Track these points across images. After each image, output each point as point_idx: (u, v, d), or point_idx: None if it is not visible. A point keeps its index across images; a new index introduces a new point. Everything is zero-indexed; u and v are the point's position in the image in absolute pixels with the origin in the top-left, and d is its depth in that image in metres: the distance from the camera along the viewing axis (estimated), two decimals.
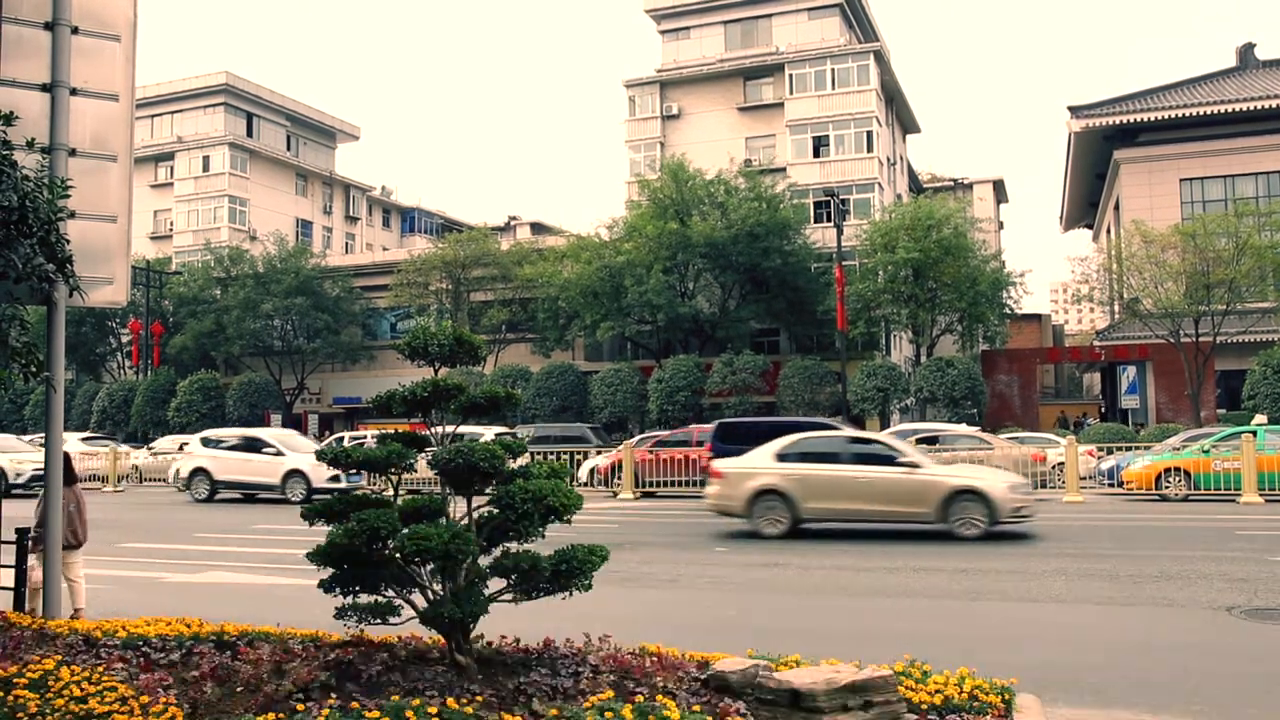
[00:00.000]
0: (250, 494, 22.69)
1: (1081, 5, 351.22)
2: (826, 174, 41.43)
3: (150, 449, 32.75)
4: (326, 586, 4.80)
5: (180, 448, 26.30)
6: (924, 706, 4.51)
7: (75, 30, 6.63)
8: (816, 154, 42.47)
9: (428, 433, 5.08)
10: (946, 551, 12.29)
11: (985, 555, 11.82)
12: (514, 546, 4.80)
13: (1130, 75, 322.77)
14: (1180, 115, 38.06)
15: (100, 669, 4.64)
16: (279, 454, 22.19)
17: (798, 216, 38.10)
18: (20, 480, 23.87)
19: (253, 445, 22.94)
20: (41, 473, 25.36)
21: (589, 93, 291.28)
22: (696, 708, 4.19)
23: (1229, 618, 7.99)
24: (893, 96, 46.99)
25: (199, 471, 22.91)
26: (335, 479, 20.48)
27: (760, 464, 14.46)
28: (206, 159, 55.51)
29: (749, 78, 44.72)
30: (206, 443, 23.70)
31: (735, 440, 18.39)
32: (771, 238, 35.98)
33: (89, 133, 6.69)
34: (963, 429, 24.32)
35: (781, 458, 14.39)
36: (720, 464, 15.18)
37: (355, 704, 4.08)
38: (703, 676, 4.64)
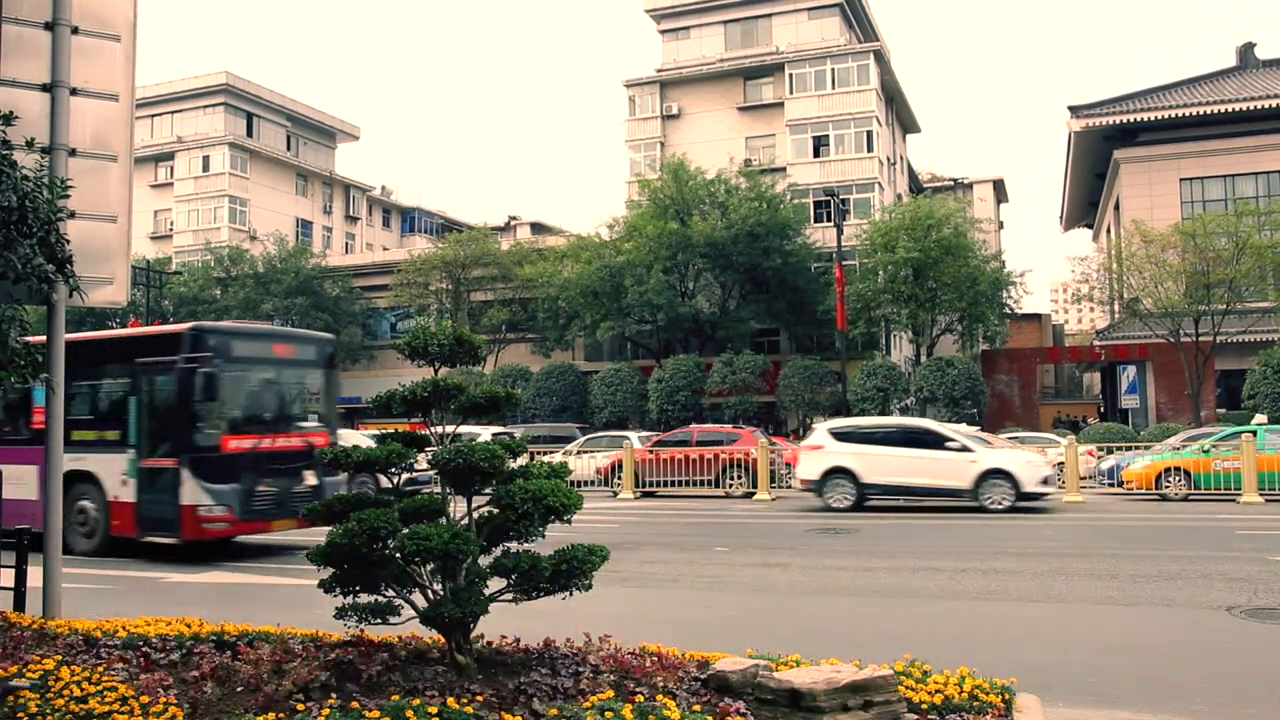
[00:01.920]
0: (917, 500, 18.04)
1: (1081, 5, 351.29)
2: (826, 174, 41.42)
3: None
4: (327, 586, 4.80)
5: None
6: (924, 706, 4.51)
7: (75, 30, 6.62)
8: (816, 154, 42.45)
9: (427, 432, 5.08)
10: (946, 551, 12.30)
11: (986, 555, 11.82)
12: (514, 546, 4.80)
13: (1130, 75, 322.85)
14: (1180, 115, 38.04)
15: (100, 669, 4.64)
16: (964, 450, 17.32)
17: (798, 216, 38.11)
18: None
19: (918, 439, 17.81)
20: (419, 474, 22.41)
21: (589, 93, 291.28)
22: (697, 708, 4.19)
23: (1229, 617, 7.98)
24: (893, 96, 46.98)
25: (839, 473, 17.75)
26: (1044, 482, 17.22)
27: None
28: (206, 159, 55.50)
29: (749, 78, 44.71)
30: (841, 436, 18.22)
31: None
32: (771, 237, 35.98)
33: (89, 133, 6.68)
34: (963, 429, 24.29)
35: None
36: None
37: (355, 704, 4.08)
38: (703, 676, 4.63)
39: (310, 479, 12.86)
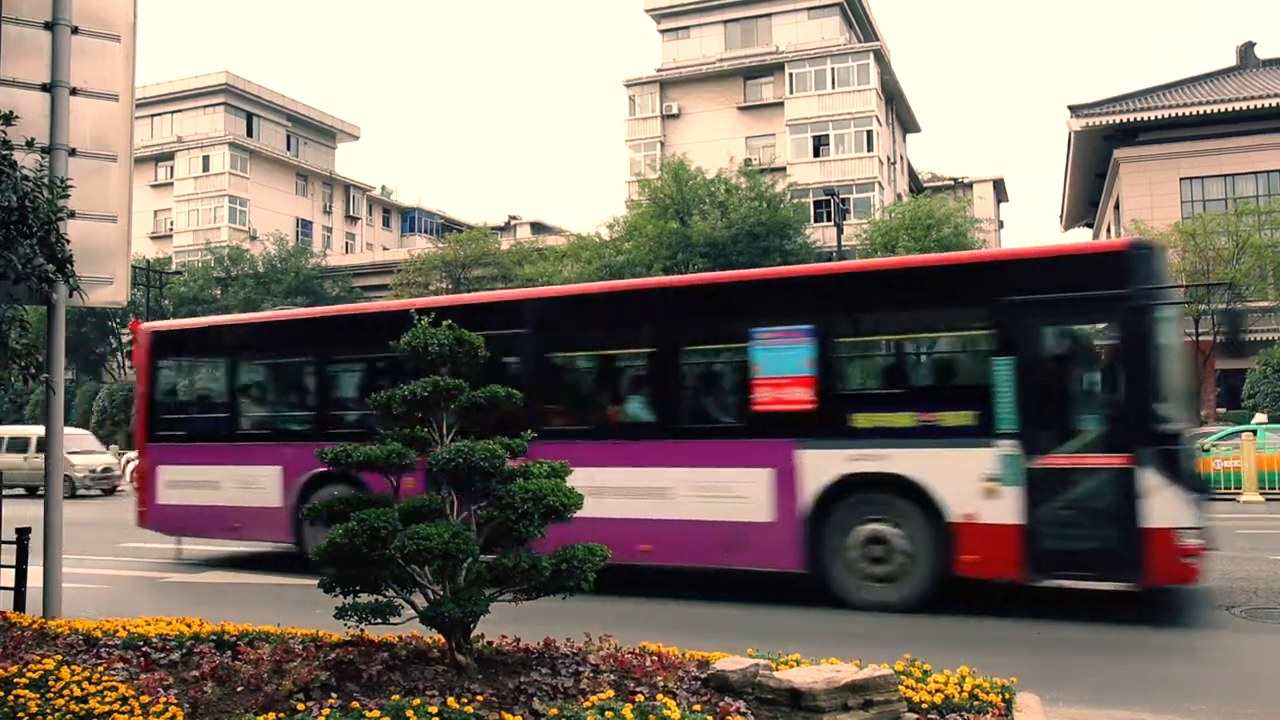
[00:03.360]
0: None
1: (1081, 5, 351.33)
2: (826, 173, 41.43)
3: None
4: (327, 586, 4.80)
5: None
6: (924, 705, 4.51)
7: (75, 30, 6.63)
8: (816, 153, 42.47)
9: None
10: None
11: None
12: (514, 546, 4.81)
13: (1130, 75, 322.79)
14: (1180, 114, 38.01)
15: (100, 669, 4.64)
16: None
17: (798, 216, 38.11)
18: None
19: None
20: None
21: (589, 93, 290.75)
22: (697, 707, 4.19)
23: (1229, 617, 7.98)
24: (893, 96, 46.99)
25: None
26: None
27: None
28: (206, 159, 55.53)
29: (749, 77, 44.73)
30: None
31: None
32: (772, 237, 35.98)
33: (89, 133, 6.69)
34: None
35: None
36: None
37: (355, 704, 4.08)
38: (703, 676, 4.63)
39: None
